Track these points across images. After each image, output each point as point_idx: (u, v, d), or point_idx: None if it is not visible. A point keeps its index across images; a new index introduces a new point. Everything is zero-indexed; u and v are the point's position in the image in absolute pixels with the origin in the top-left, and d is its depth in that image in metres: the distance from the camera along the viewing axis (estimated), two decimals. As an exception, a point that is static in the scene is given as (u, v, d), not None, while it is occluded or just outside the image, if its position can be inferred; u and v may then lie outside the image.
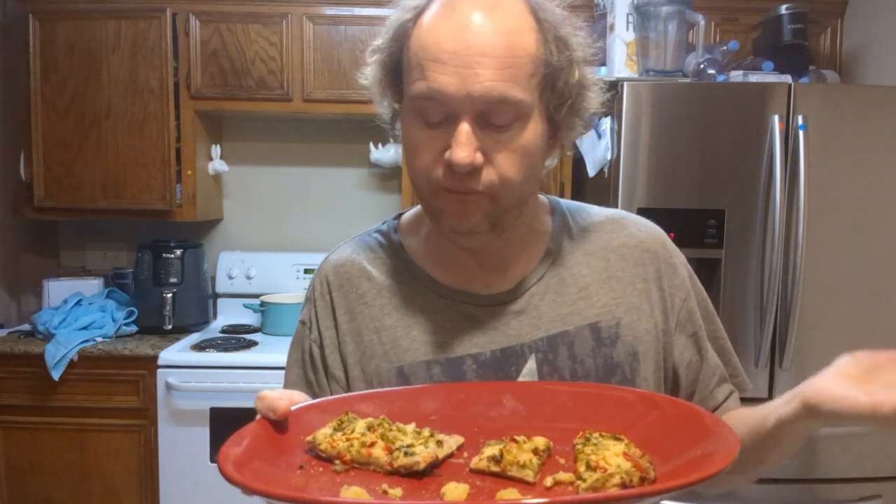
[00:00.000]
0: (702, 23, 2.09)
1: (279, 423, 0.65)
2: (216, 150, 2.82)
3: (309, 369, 0.85)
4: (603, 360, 0.78)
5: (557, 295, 0.80)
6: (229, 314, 2.85)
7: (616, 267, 0.82)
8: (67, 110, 2.56)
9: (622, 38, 2.20)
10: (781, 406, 0.65)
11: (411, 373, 0.79)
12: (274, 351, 2.40)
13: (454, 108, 0.69)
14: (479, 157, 0.69)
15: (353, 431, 0.64)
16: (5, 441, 2.40)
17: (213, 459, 2.32)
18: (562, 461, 0.65)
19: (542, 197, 0.88)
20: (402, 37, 0.74)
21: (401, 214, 0.91)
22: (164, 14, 2.52)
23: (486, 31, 0.68)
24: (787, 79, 2.10)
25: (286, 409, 0.64)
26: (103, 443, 2.37)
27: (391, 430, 0.65)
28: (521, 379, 0.77)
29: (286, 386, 0.88)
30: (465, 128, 0.68)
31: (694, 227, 1.92)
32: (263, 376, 2.27)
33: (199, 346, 2.41)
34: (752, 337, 1.95)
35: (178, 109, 2.58)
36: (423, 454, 0.61)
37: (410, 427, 0.66)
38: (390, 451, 0.62)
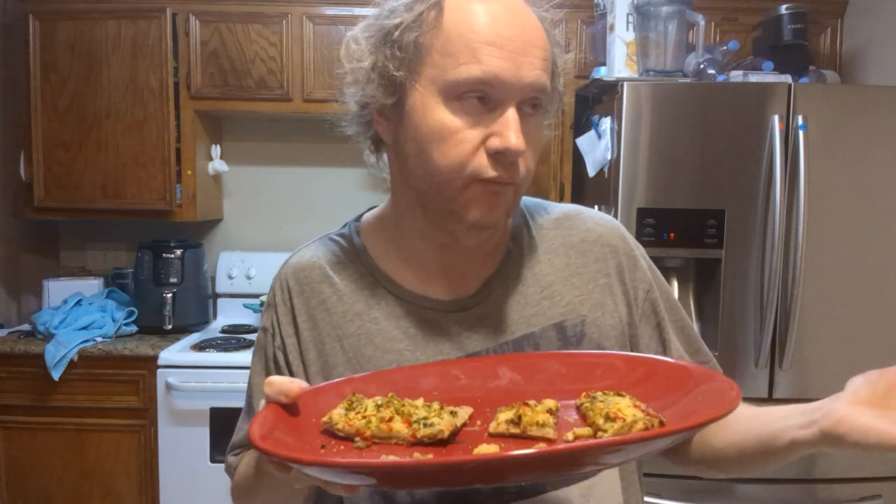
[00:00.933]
0: (702, 23, 2.09)
1: (290, 407, 0.64)
2: (216, 150, 2.82)
3: (273, 375, 0.82)
4: None
5: (520, 296, 0.79)
6: (229, 314, 2.85)
7: (577, 263, 0.82)
8: (67, 110, 2.56)
9: (622, 38, 2.20)
10: (797, 429, 0.62)
11: None
12: (274, 351, 2.39)
13: (504, 95, 0.68)
14: (524, 144, 0.69)
15: (365, 410, 0.64)
16: (5, 441, 2.40)
17: (213, 459, 2.32)
18: (571, 419, 0.66)
19: None
20: (426, 15, 0.70)
21: (361, 216, 0.89)
22: (164, 14, 2.52)
23: (533, 21, 0.70)
24: (787, 79, 2.10)
25: (298, 392, 0.63)
26: (103, 443, 2.38)
27: (403, 405, 0.65)
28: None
29: (252, 394, 0.86)
30: (513, 112, 0.68)
31: (694, 227, 1.92)
32: (263, 376, 2.27)
33: (199, 346, 2.41)
34: (752, 337, 1.95)
35: (178, 109, 2.58)
36: (445, 423, 0.61)
37: (420, 402, 0.66)
38: (409, 424, 0.62)
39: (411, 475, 0.55)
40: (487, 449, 0.58)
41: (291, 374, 0.81)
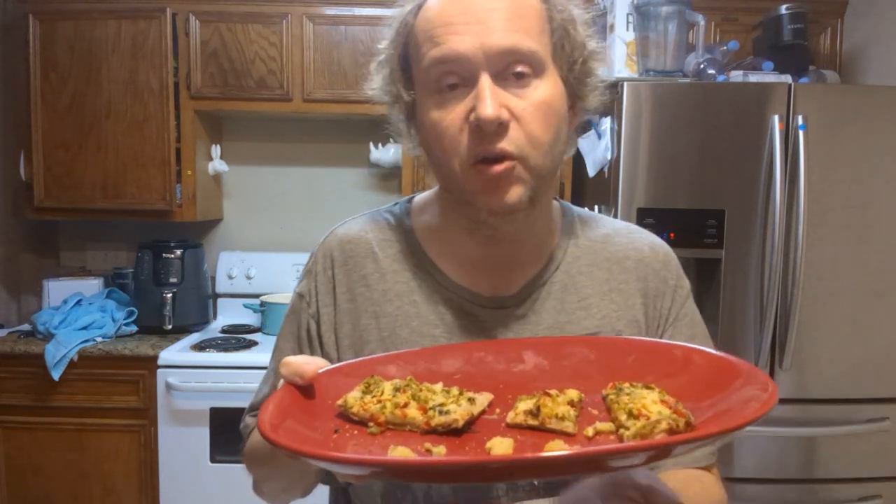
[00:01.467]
0: (702, 23, 2.09)
1: (305, 389, 0.62)
2: (216, 150, 2.82)
3: (305, 345, 0.82)
4: None
5: (558, 302, 0.79)
6: (229, 314, 2.85)
7: (619, 280, 0.82)
8: (67, 110, 2.56)
9: (622, 38, 2.20)
10: None
11: None
12: (274, 351, 2.39)
13: (471, 68, 0.68)
14: (504, 113, 0.67)
15: (382, 393, 0.62)
16: (5, 441, 2.40)
17: (213, 459, 2.32)
18: (594, 412, 0.63)
19: (554, 202, 0.86)
20: (405, 28, 0.74)
21: (413, 197, 0.88)
22: (164, 14, 2.52)
23: None
24: (787, 79, 2.09)
25: (313, 374, 0.62)
26: (103, 443, 2.38)
27: (421, 390, 0.63)
28: None
29: (278, 358, 0.85)
30: (486, 82, 0.67)
31: (694, 227, 1.92)
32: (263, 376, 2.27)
33: (199, 346, 2.41)
34: (752, 337, 1.95)
35: (178, 109, 2.58)
36: (460, 411, 0.60)
37: (438, 387, 0.65)
38: (425, 411, 0.60)
39: (415, 472, 0.54)
40: (500, 442, 0.56)
41: (322, 344, 0.81)
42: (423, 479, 0.59)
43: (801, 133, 1.88)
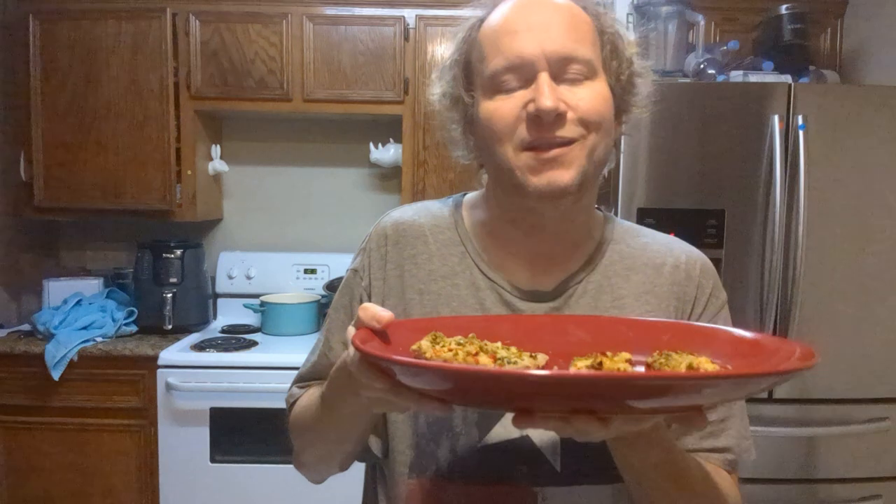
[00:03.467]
0: (702, 23, 2.09)
1: (381, 334, 0.66)
2: (216, 150, 2.82)
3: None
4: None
5: (592, 300, 0.83)
6: (229, 314, 2.85)
7: (654, 283, 0.85)
8: (67, 110, 2.56)
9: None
10: None
11: None
12: (274, 351, 2.40)
13: (532, 70, 0.74)
14: (561, 104, 0.73)
15: (449, 345, 0.65)
16: (5, 441, 2.40)
17: (213, 459, 2.32)
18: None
19: (598, 212, 0.90)
20: (470, 36, 0.81)
21: (465, 194, 0.94)
22: (164, 14, 2.52)
23: (550, 6, 0.77)
24: (787, 79, 2.09)
25: (390, 319, 0.65)
26: (103, 443, 2.37)
27: (485, 344, 0.66)
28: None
29: (329, 330, 0.90)
30: (545, 77, 0.73)
31: (694, 227, 1.92)
32: (263, 376, 2.27)
33: (199, 346, 2.41)
34: (752, 337, 1.94)
35: (178, 109, 2.58)
36: (529, 361, 0.63)
37: (498, 344, 0.68)
38: (494, 360, 0.63)
39: (534, 384, 0.53)
40: (585, 362, 0.59)
41: None
42: (516, 396, 0.58)
43: (801, 133, 1.88)
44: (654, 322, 0.76)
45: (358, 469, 0.92)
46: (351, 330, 0.66)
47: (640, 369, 0.65)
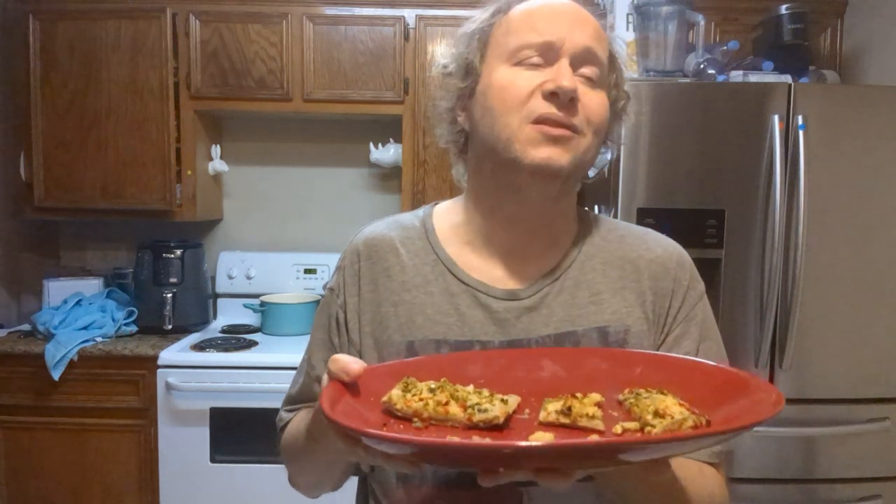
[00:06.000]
0: (702, 23, 2.09)
1: (351, 386, 0.67)
2: (216, 150, 2.82)
3: (334, 333, 0.88)
4: None
5: (569, 297, 0.83)
6: (229, 314, 2.85)
7: (630, 278, 0.85)
8: (67, 110, 2.56)
9: (622, 38, 2.20)
10: None
11: (420, 349, 0.81)
12: (274, 351, 2.40)
13: (557, 52, 0.77)
14: (578, 90, 0.76)
15: (420, 393, 0.66)
16: (5, 441, 2.40)
17: (213, 459, 2.32)
18: (615, 414, 0.67)
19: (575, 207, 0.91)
20: (500, 12, 0.83)
21: (437, 203, 0.95)
22: (164, 14, 2.52)
23: (583, 11, 0.81)
24: (787, 79, 2.09)
25: (359, 372, 0.66)
26: (103, 443, 2.37)
27: (456, 390, 0.67)
28: None
29: (311, 350, 0.92)
30: (566, 62, 0.77)
31: (694, 227, 1.92)
32: (263, 376, 2.27)
33: (199, 346, 2.41)
34: (752, 337, 1.95)
35: (178, 109, 2.58)
36: (499, 409, 0.64)
37: (470, 388, 0.68)
38: (465, 408, 0.64)
39: (494, 457, 0.56)
40: (544, 436, 0.60)
41: (348, 330, 0.87)
42: (482, 463, 0.60)
43: (801, 133, 1.88)
44: (627, 353, 0.78)
45: (351, 479, 0.93)
46: (325, 380, 0.67)
47: (615, 407, 0.67)
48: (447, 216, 0.91)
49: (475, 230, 0.86)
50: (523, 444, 0.56)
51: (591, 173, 2.13)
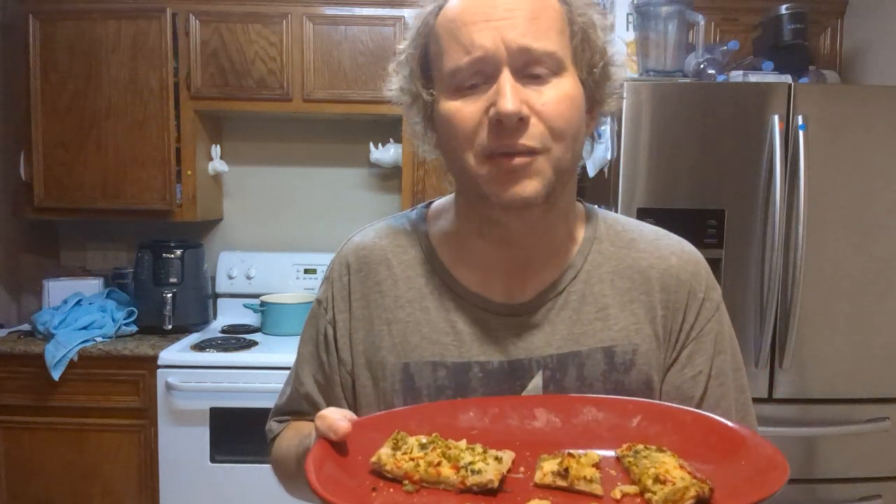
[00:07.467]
0: (702, 23, 2.09)
1: (339, 444, 0.64)
2: (216, 150, 2.82)
3: (322, 350, 0.84)
4: (613, 385, 0.76)
5: (574, 312, 0.77)
6: (229, 314, 2.85)
7: (640, 290, 0.79)
8: (67, 110, 2.56)
9: (622, 38, 2.20)
10: None
11: (416, 371, 0.77)
12: (274, 351, 2.40)
13: (493, 63, 0.68)
14: (525, 108, 0.67)
15: (411, 451, 0.64)
16: (5, 441, 2.40)
17: (213, 459, 2.32)
18: (612, 472, 0.65)
19: (578, 204, 0.84)
20: (426, 28, 0.75)
21: (431, 202, 0.89)
22: (164, 14, 2.52)
23: None
24: (787, 79, 2.09)
25: (347, 431, 0.63)
26: (103, 443, 2.37)
27: (448, 447, 0.65)
28: (525, 394, 0.76)
29: (299, 362, 0.88)
30: (506, 77, 0.68)
31: (694, 227, 1.92)
32: (263, 376, 2.27)
33: (199, 346, 2.41)
34: (752, 337, 1.95)
35: (178, 109, 2.58)
36: (492, 471, 0.61)
37: (463, 443, 0.66)
38: (457, 470, 0.62)
39: None
40: None
41: (338, 349, 0.82)
42: None
43: (801, 133, 1.88)
44: (623, 401, 0.73)
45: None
46: (313, 436, 0.65)
47: (611, 471, 0.65)
48: (442, 218, 0.85)
49: (470, 242, 0.80)
50: None
51: (592, 172, 2.13)
